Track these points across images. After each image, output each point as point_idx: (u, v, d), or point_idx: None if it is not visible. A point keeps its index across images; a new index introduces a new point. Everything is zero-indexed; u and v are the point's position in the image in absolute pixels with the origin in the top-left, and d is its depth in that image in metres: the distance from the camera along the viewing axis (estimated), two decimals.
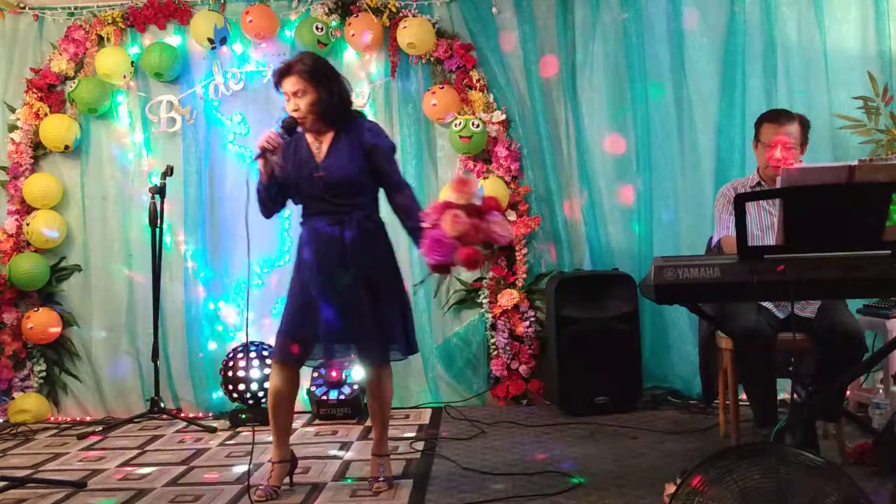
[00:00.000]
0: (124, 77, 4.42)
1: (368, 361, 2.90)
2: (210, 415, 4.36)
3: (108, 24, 4.46)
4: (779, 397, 2.99)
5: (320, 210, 2.82)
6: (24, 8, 4.52)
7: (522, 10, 4.39)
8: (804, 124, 3.11)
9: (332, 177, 2.79)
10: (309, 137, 2.87)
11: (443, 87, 4.31)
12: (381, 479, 2.92)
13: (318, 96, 2.77)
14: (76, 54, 4.46)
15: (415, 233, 2.77)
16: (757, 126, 3.17)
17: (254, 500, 2.82)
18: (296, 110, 2.77)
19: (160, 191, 4.09)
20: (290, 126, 2.79)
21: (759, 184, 3.15)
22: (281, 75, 2.80)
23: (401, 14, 4.37)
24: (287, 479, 2.96)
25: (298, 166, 2.83)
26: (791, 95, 4.20)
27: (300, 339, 2.82)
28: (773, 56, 4.22)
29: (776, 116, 3.11)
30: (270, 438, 2.93)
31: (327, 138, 2.86)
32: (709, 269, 2.15)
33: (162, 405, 4.20)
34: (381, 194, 2.96)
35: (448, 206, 2.57)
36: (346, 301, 2.78)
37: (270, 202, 2.90)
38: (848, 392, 3.67)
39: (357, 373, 4.08)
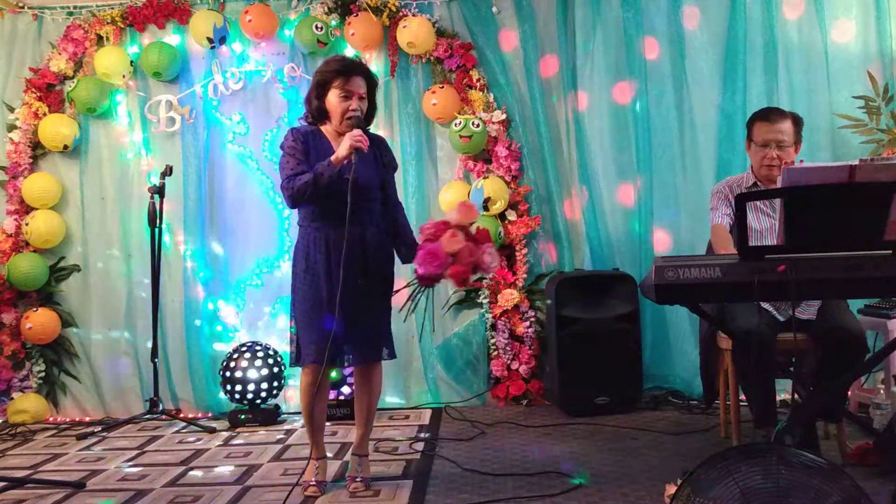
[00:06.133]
0: (123, 77, 4.41)
1: (362, 359, 2.90)
2: (209, 415, 4.35)
3: (108, 23, 4.46)
4: (779, 397, 2.98)
5: (342, 212, 2.71)
6: (23, 7, 4.52)
7: (522, 10, 4.39)
8: (797, 122, 3.08)
9: (362, 180, 2.79)
10: (331, 138, 2.89)
11: (443, 87, 4.30)
12: (359, 478, 2.94)
13: (369, 106, 2.93)
14: (75, 54, 4.45)
15: (405, 249, 2.99)
16: (749, 126, 3.15)
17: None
18: (355, 110, 2.82)
19: (159, 191, 4.08)
20: (360, 126, 2.82)
21: (755, 184, 3.13)
22: (350, 72, 2.84)
23: (401, 13, 4.36)
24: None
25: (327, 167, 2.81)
26: (792, 95, 4.20)
27: (323, 341, 2.76)
28: (773, 55, 4.21)
29: (768, 115, 3.08)
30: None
31: None
32: (709, 269, 2.15)
33: (161, 405, 4.19)
34: None
35: (448, 225, 2.74)
36: (358, 302, 2.79)
37: (318, 193, 2.76)
38: (849, 392, 3.66)
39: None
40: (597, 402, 3.97)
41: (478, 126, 4.23)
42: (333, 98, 2.84)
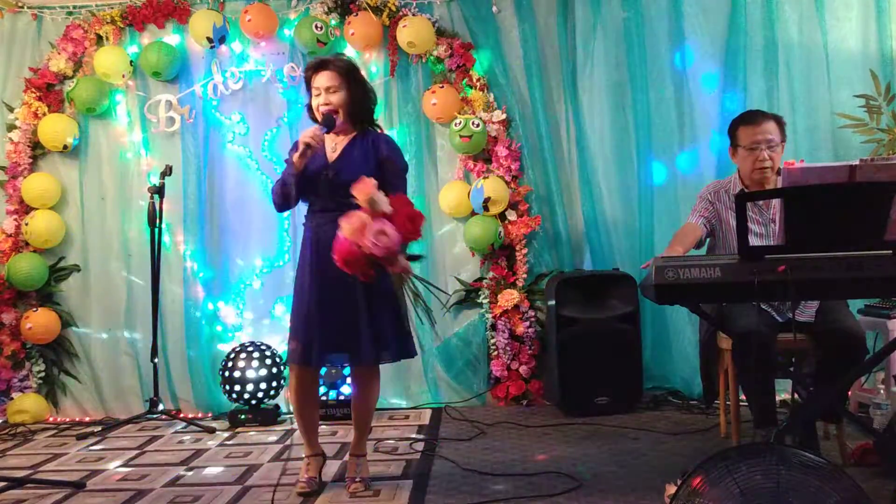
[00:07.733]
0: (123, 76, 4.41)
1: (358, 361, 2.88)
2: (209, 415, 4.35)
3: (107, 23, 4.45)
4: (779, 397, 2.98)
5: (326, 208, 2.79)
6: (22, 7, 4.51)
7: (522, 10, 4.38)
8: (780, 123, 3.06)
9: (340, 179, 2.76)
10: (326, 139, 2.89)
11: (443, 87, 4.30)
12: (358, 479, 2.93)
13: (350, 95, 2.85)
14: (75, 53, 4.45)
15: None
16: (732, 131, 3.11)
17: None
18: (327, 104, 2.81)
19: (159, 190, 4.08)
20: (329, 122, 2.81)
21: (742, 190, 3.09)
22: (315, 69, 2.85)
23: (401, 13, 4.36)
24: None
25: (310, 162, 2.83)
26: (792, 95, 4.20)
27: (311, 340, 2.78)
28: (774, 55, 4.21)
29: (752, 118, 3.05)
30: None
31: (343, 140, 2.89)
32: (709, 269, 2.15)
33: (161, 405, 4.19)
34: None
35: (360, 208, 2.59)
36: (343, 302, 2.77)
37: (294, 195, 2.82)
38: (849, 392, 3.66)
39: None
40: (597, 402, 3.96)
41: (478, 126, 4.23)
42: (312, 97, 2.88)
